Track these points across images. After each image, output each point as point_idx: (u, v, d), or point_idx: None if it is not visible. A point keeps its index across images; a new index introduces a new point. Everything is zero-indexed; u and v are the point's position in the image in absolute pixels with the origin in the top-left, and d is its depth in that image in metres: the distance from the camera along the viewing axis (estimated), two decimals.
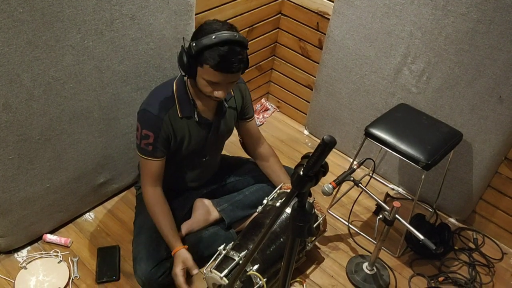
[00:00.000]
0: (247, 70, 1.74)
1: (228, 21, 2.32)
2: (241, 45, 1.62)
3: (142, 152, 1.80)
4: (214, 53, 1.56)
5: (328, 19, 2.44)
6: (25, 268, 1.94)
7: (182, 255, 1.80)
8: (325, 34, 2.51)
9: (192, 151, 1.91)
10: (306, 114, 2.91)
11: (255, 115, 2.95)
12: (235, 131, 2.10)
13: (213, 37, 1.56)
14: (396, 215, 1.84)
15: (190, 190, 2.10)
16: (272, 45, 2.81)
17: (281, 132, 2.92)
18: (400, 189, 2.60)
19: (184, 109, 1.79)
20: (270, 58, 2.87)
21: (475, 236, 2.37)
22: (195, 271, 1.79)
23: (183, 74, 1.68)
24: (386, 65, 2.31)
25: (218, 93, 1.68)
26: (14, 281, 1.88)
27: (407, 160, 1.98)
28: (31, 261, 1.97)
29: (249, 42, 2.59)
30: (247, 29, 2.53)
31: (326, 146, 0.91)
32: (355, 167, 2.01)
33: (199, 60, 1.60)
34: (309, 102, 2.85)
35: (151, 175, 1.83)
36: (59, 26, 1.60)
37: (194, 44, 1.58)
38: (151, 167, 1.82)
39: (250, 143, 2.13)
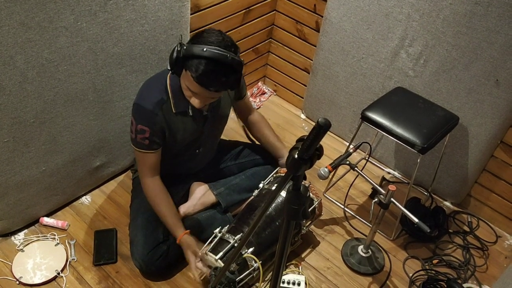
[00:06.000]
0: (241, 54, 1.71)
1: (224, 3, 2.32)
2: (230, 68, 1.57)
3: (139, 146, 1.78)
4: (199, 65, 1.53)
5: (326, 1, 2.41)
6: (22, 250, 1.95)
7: (187, 241, 1.80)
8: (322, 16, 2.49)
9: (187, 143, 1.90)
10: (303, 98, 2.90)
11: (252, 99, 2.96)
12: (232, 115, 2.09)
13: (204, 49, 1.52)
14: (392, 199, 1.85)
15: (187, 174, 2.10)
16: (269, 27, 2.78)
17: (277, 116, 2.91)
18: (396, 173, 2.61)
19: (179, 104, 1.77)
20: (266, 41, 2.85)
21: (469, 220, 2.38)
22: (197, 256, 1.77)
23: (169, 69, 1.64)
24: (383, 48, 2.29)
25: (195, 102, 1.65)
26: (12, 263, 1.89)
27: (403, 144, 1.98)
28: (28, 243, 1.98)
29: (245, 25, 2.59)
30: (244, 11, 2.50)
31: (321, 129, 0.91)
32: (351, 150, 2.02)
33: (185, 64, 1.57)
34: (306, 86, 2.83)
35: (149, 167, 1.83)
36: (52, 7, 1.58)
37: (185, 47, 1.55)
38: (149, 160, 1.81)
39: (242, 114, 2.17)
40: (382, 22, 2.23)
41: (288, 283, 1.94)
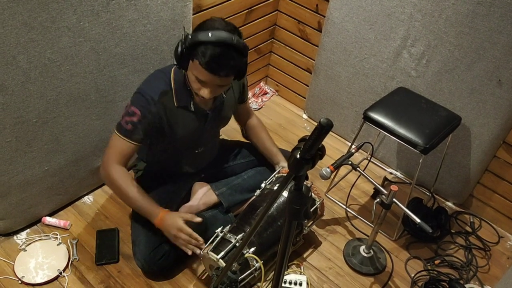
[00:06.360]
0: None
1: (226, 3, 2.32)
2: (237, 50, 1.57)
3: (119, 129, 1.73)
4: (206, 51, 1.53)
5: (328, 1, 2.41)
6: (24, 250, 1.95)
7: (175, 213, 1.81)
8: (324, 16, 2.49)
9: (187, 141, 1.90)
10: (305, 98, 2.90)
11: (254, 99, 2.96)
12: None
13: (210, 34, 1.52)
14: (394, 199, 1.85)
15: (188, 174, 2.10)
16: (271, 27, 2.78)
17: (279, 116, 2.91)
18: (398, 173, 2.61)
19: (181, 98, 1.76)
20: (269, 41, 2.85)
21: (472, 220, 2.38)
22: (197, 218, 1.81)
23: (175, 64, 1.64)
24: (385, 48, 2.29)
25: (204, 92, 1.64)
26: (14, 263, 1.90)
27: (405, 144, 1.98)
28: (30, 243, 1.98)
29: (248, 25, 2.59)
30: (246, 11, 2.50)
31: (323, 129, 0.91)
32: (353, 151, 2.02)
33: (191, 54, 1.57)
34: (308, 86, 2.83)
35: (120, 155, 1.75)
36: (55, 7, 1.58)
37: (190, 36, 1.55)
38: (123, 147, 1.74)
39: (241, 118, 2.18)
40: (385, 22, 2.22)
41: (290, 283, 1.94)
